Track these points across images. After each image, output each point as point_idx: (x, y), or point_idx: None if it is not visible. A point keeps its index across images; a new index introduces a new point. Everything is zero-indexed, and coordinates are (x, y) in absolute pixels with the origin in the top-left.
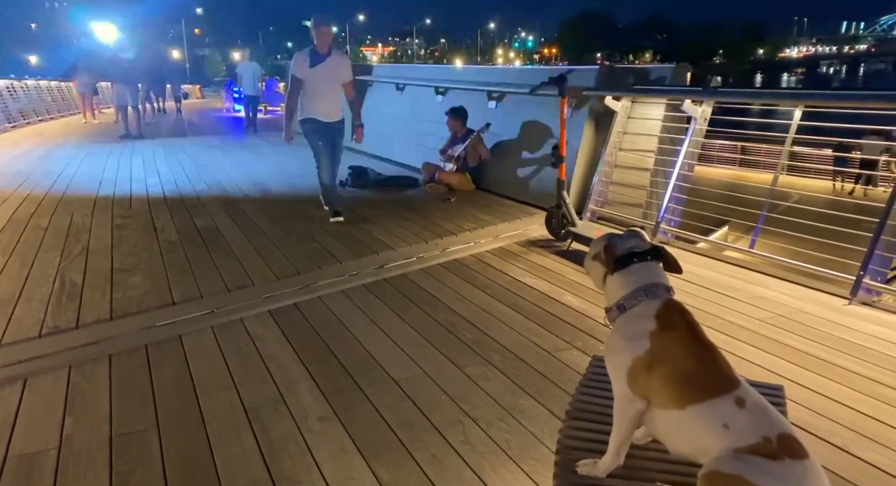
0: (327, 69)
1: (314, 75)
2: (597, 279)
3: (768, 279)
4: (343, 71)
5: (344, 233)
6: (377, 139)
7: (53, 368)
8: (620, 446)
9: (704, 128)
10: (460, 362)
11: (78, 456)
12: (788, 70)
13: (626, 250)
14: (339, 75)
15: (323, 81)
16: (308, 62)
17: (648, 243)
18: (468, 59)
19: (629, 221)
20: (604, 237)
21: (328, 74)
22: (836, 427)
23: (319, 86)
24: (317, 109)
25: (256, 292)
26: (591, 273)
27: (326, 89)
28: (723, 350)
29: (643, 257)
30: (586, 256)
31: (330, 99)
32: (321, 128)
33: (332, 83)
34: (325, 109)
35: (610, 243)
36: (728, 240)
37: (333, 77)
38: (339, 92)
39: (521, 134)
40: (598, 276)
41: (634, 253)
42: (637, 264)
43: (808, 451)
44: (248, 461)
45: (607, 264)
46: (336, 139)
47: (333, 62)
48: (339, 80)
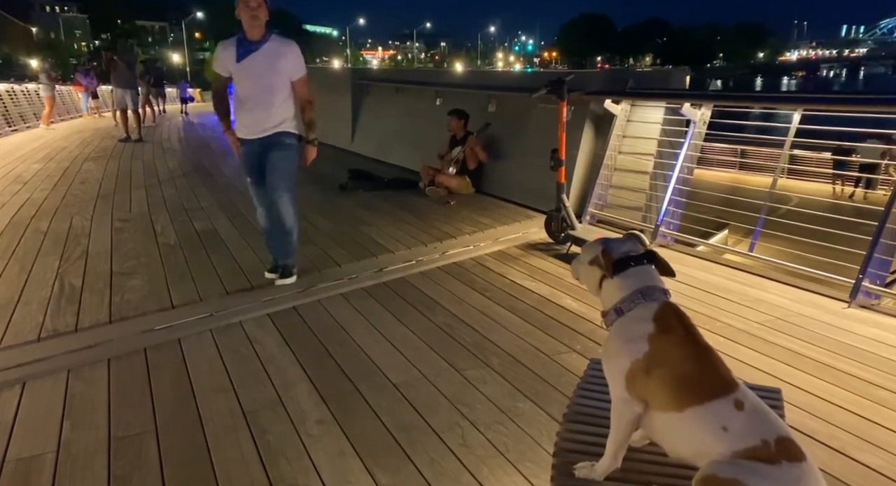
0: (261, 62)
1: (243, 72)
2: (592, 284)
3: (767, 282)
4: (288, 63)
5: (343, 236)
6: (376, 142)
7: (52, 371)
8: (618, 449)
9: (704, 131)
10: (459, 366)
11: (76, 460)
12: (788, 73)
13: (623, 253)
14: (280, 70)
15: (256, 79)
16: (234, 53)
17: (642, 246)
18: (469, 62)
19: (629, 224)
20: (598, 242)
21: (263, 69)
22: (834, 431)
23: (251, 87)
24: (245, 119)
25: (255, 296)
26: (585, 278)
27: (261, 91)
28: (721, 353)
29: (639, 261)
30: (576, 260)
31: (265, 104)
32: (248, 149)
33: (270, 82)
34: (254, 120)
35: (607, 248)
36: (728, 243)
37: (272, 73)
38: (281, 94)
39: (521, 137)
40: (595, 280)
41: (631, 257)
42: (634, 268)
43: (805, 454)
44: (246, 464)
45: (606, 269)
46: (272, 161)
47: (271, 52)
48: (283, 76)
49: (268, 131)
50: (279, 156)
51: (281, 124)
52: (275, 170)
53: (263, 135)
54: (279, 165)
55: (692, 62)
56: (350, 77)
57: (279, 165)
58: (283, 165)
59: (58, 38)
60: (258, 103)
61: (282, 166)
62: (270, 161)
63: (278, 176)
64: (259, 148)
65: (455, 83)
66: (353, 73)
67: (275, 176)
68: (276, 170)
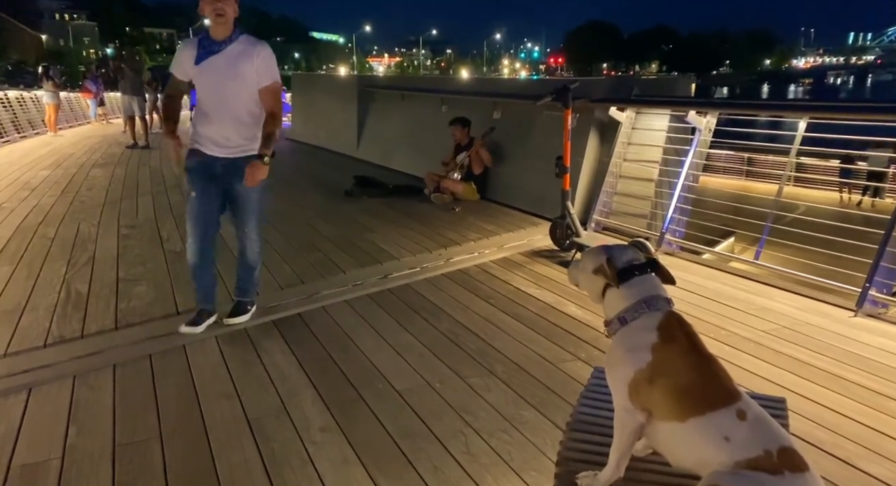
0: (224, 66)
1: (202, 76)
2: (595, 293)
3: (773, 291)
4: (255, 67)
5: (348, 243)
6: (381, 149)
7: (58, 377)
8: (621, 458)
9: (709, 139)
10: (463, 373)
11: (81, 466)
12: (795, 81)
13: (627, 262)
14: (245, 75)
15: (216, 85)
16: (194, 54)
17: (645, 254)
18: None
19: (634, 231)
20: (601, 250)
21: (224, 74)
22: (840, 440)
23: (211, 94)
24: (204, 132)
25: (260, 302)
26: (587, 286)
27: (221, 100)
28: (727, 362)
29: (643, 270)
30: (575, 267)
31: (226, 117)
32: (205, 162)
33: (233, 90)
34: (214, 134)
35: (611, 257)
36: (734, 251)
37: (234, 78)
38: (247, 105)
39: (526, 144)
40: (598, 289)
41: (635, 266)
42: (637, 277)
43: (808, 464)
44: (249, 471)
45: (612, 278)
46: (240, 192)
47: (236, 54)
48: (248, 83)
49: (232, 152)
50: (246, 188)
51: (251, 144)
52: (245, 202)
53: (226, 156)
54: (249, 196)
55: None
56: (356, 84)
57: (249, 196)
58: (254, 195)
59: (67, 46)
60: (218, 115)
61: (252, 198)
62: (238, 191)
63: (249, 209)
64: (221, 170)
65: (460, 90)
66: (359, 80)
67: (245, 209)
68: (247, 202)
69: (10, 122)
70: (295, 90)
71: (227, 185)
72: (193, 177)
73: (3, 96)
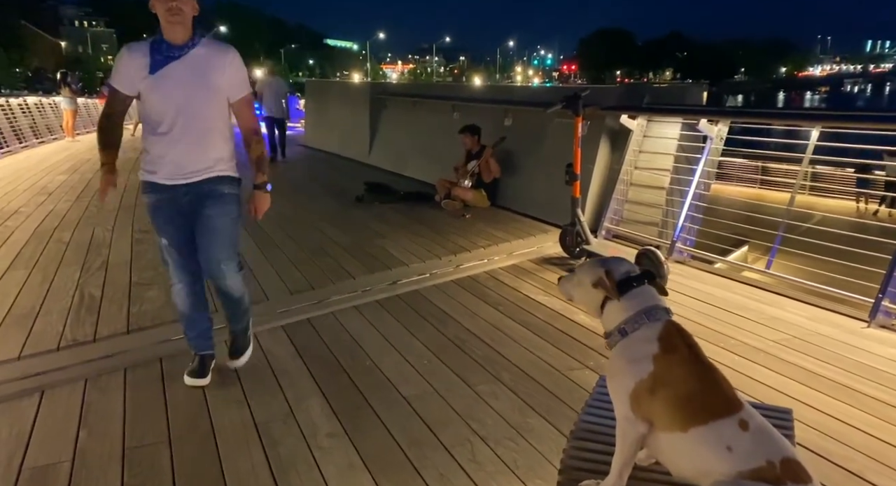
0: (187, 75)
1: (160, 88)
2: (593, 306)
3: (784, 300)
4: (225, 77)
5: (358, 249)
6: (393, 155)
7: (70, 380)
8: (623, 468)
9: (721, 147)
10: (470, 380)
11: (90, 469)
12: (811, 88)
13: (624, 274)
14: (214, 86)
15: (181, 96)
16: (147, 62)
17: (636, 265)
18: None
19: (644, 239)
20: (597, 264)
21: (189, 85)
22: (851, 452)
23: (172, 109)
24: (165, 155)
25: (270, 307)
26: (585, 300)
27: (191, 114)
28: (735, 372)
29: (640, 281)
30: (567, 281)
31: (193, 135)
32: (167, 198)
33: (201, 103)
34: (179, 157)
35: (609, 270)
36: (748, 260)
37: (202, 90)
38: (216, 121)
39: (537, 151)
40: (596, 303)
41: (633, 277)
42: (636, 288)
43: (811, 476)
44: (256, 476)
45: (612, 291)
46: (210, 220)
47: (201, 61)
48: (218, 95)
49: (199, 175)
50: (220, 212)
51: (217, 165)
52: (214, 232)
53: (192, 180)
54: (220, 224)
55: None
56: (368, 91)
57: (220, 224)
58: (225, 224)
59: (86, 52)
60: (183, 133)
61: (223, 227)
62: (206, 220)
63: (220, 242)
64: (186, 198)
65: (472, 97)
66: (372, 87)
67: (215, 242)
68: (217, 232)
69: (29, 127)
70: (308, 97)
71: (196, 214)
72: (159, 220)
73: (22, 102)
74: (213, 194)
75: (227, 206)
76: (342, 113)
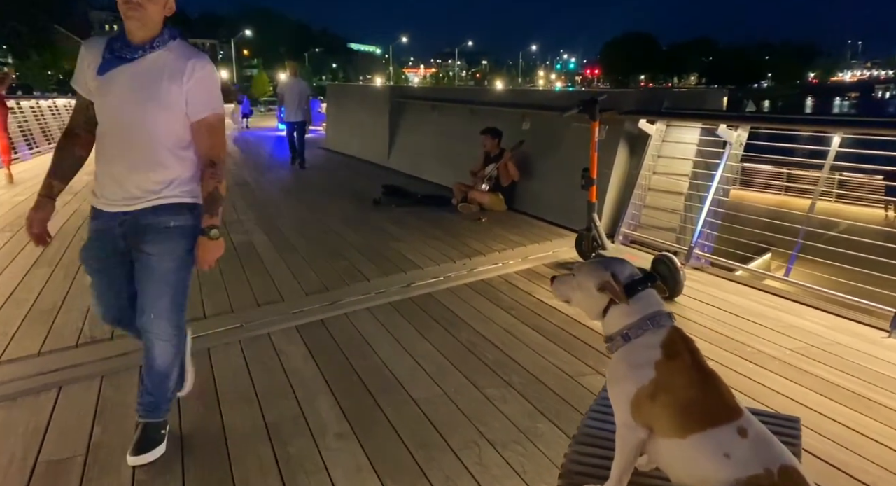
0: (136, 80)
1: (106, 93)
2: (595, 310)
3: (803, 309)
4: (186, 89)
5: (373, 251)
6: (411, 159)
7: (87, 377)
8: (622, 473)
9: (740, 153)
10: (480, 384)
11: (103, 464)
12: (841, 94)
13: (629, 278)
14: (167, 98)
15: (123, 106)
16: (98, 60)
17: (636, 268)
18: (510, 80)
19: (662, 245)
20: (599, 266)
21: (136, 92)
22: (866, 464)
23: (112, 118)
24: (102, 176)
25: (285, 308)
26: (585, 304)
27: (131, 128)
28: (750, 380)
29: (645, 285)
30: (565, 285)
31: (136, 153)
32: (102, 227)
33: (147, 116)
34: (115, 179)
35: (615, 273)
36: (770, 268)
37: (151, 101)
38: (165, 138)
39: (555, 155)
40: (599, 307)
41: (637, 281)
42: (640, 292)
43: (808, 484)
44: (264, 475)
45: (621, 295)
46: (149, 261)
47: (158, 66)
48: (171, 108)
49: (138, 202)
50: (160, 251)
51: (165, 190)
52: (151, 276)
53: (131, 208)
54: (158, 267)
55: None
56: (388, 94)
57: (158, 267)
58: (166, 267)
59: None
60: (122, 151)
61: (163, 270)
62: (144, 259)
63: (155, 289)
64: (120, 230)
65: (490, 101)
66: (392, 91)
67: (150, 289)
68: (153, 276)
69: (58, 129)
70: (329, 100)
71: (136, 251)
72: (89, 252)
73: (51, 104)
74: (154, 227)
75: (172, 242)
76: (362, 116)
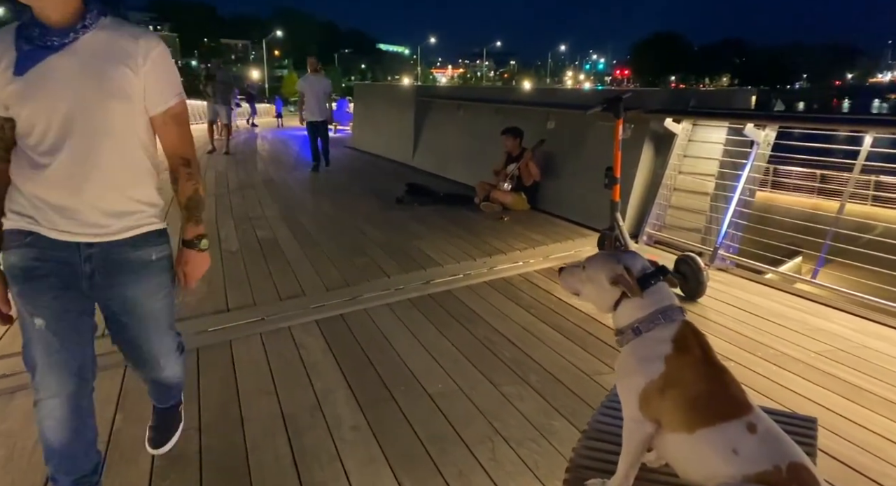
0: (75, 72)
1: (37, 95)
2: (606, 303)
3: (830, 312)
4: (143, 75)
5: (394, 248)
6: (436, 158)
7: (111, 366)
8: (629, 468)
9: (767, 153)
10: (496, 380)
11: (123, 451)
12: (880, 95)
13: (642, 271)
14: (127, 88)
15: (70, 107)
16: (13, 58)
17: (647, 260)
18: (538, 81)
19: (686, 246)
20: (610, 258)
21: (86, 87)
22: (888, 468)
23: (57, 125)
24: (47, 196)
25: (306, 302)
26: (597, 297)
27: (87, 134)
28: (772, 382)
29: (657, 278)
30: (573, 277)
31: (98, 165)
32: (62, 263)
33: (106, 114)
34: (77, 200)
35: (628, 266)
36: (801, 271)
37: (107, 95)
38: (131, 141)
39: (579, 155)
40: (611, 300)
41: (649, 274)
42: (653, 286)
43: (819, 481)
44: (280, 465)
45: (634, 289)
46: (135, 301)
47: (102, 49)
48: (130, 102)
49: (110, 230)
50: (150, 292)
51: (144, 214)
52: (147, 322)
53: (102, 239)
54: (153, 309)
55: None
56: (413, 94)
57: (153, 309)
58: (160, 306)
59: None
60: (79, 164)
61: (157, 311)
62: (131, 305)
63: (156, 332)
64: (88, 266)
65: (514, 100)
66: (417, 90)
67: (149, 334)
68: (150, 321)
69: None
70: (356, 100)
71: (109, 290)
72: (28, 287)
73: None
74: (136, 264)
75: (159, 278)
76: (388, 116)
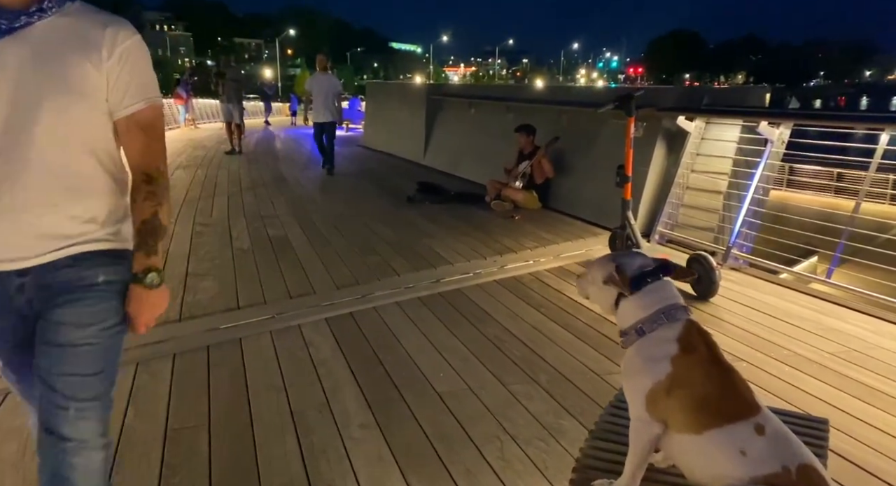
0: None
1: None
2: (607, 304)
3: (845, 312)
4: (106, 71)
5: (405, 246)
6: (447, 156)
7: (123, 363)
8: (636, 469)
9: (781, 151)
10: (505, 379)
11: (134, 446)
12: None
13: (638, 269)
14: (85, 84)
15: (20, 102)
16: None
17: (651, 260)
18: (550, 79)
19: (699, 245)
20: (608, 259)
21: (33, 81)
22: None
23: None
24: None
25: (316, 300)
26: (598, 298)
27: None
28: (785, 383)
29: (655, 276)
30: (583, 279)
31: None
32: None
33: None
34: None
35: (620, 265)
36: (816, 271)
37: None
38: (84, 146)
39: (591, 153)
40: (610, 300)
41: (646, 273)
42: (651, 284)
43: (829, 483)
44: (288, 462)
45: (624, 286)
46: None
47: (60, 38)
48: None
49: (46, 252)
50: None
51: (94, 230)
52: (73, 360)
53: (32, 263)
54: (84, 344)
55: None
56: (425, 92)
57: (84, 344)
58: (96, 344)
59: (164, 55)
60: (16, 170)
61: (91, 348)
62: (55, 332)
63: (83, 379)
64: (23, 297)
65: (527, 98)
66: (429, 89)
67: (74, 377)
68: (79, 360)
69: None
70: (368, 98)
71: (44, 319)
72: None
73: None
74: (75, 286)
75: (101, 305)
76: (399, 114)
